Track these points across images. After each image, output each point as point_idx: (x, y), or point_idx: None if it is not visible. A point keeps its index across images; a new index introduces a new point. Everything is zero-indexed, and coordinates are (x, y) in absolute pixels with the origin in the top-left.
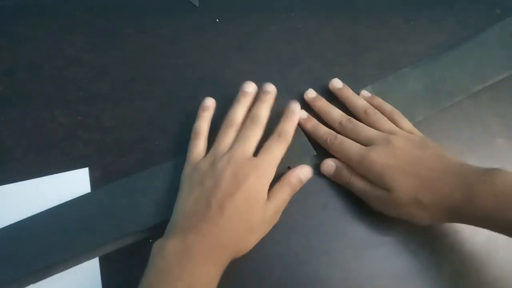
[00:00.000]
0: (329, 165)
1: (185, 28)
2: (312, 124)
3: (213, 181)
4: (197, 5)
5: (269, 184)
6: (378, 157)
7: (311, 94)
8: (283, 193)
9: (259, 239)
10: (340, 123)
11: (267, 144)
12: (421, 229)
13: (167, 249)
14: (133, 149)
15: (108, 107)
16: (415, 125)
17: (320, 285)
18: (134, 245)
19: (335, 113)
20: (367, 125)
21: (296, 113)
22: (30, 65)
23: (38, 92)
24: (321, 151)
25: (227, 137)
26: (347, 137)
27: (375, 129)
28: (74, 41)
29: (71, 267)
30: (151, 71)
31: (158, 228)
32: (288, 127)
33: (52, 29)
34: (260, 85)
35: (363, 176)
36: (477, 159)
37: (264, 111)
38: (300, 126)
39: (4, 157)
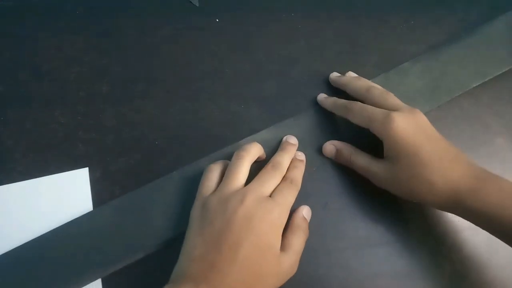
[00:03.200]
0: (330, 148)
1: (185, 28)
2: (332, 100)
3: (224, 222)
4: (197, 5)
5: (281, 232)
6: (403, 121)
7: (334, 75)
8: (300, 242)
9: None
10: (367, 90)
11: (280, 187)
12: (421, 229)
13: None
14: (133, 149)
15: (108, 107)
16: None
17: (320, 285)
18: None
19: (362, 82)
20: (371, 104)
21: (302, 157)
22: (30, 65)
23: (38, 92)
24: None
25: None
26: (373, 105)
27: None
28: (74, 41)
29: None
30: (151, 71)
31: (167, 243)
32: (298, 174)
33: (52, 29)
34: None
35: (365, 153)
36: (477, 159)
37: (286, 161)
38: (321, 105)
39: (4, 157)
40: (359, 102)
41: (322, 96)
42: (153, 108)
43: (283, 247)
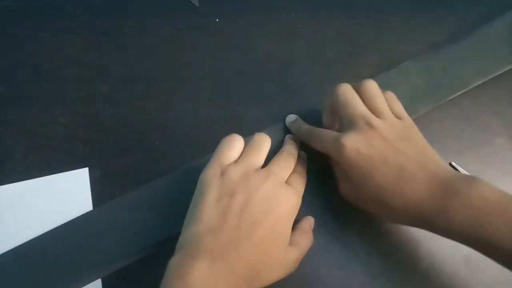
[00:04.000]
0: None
1: (185, 28)
2: (297, 125)
3: (245, 198)
4: (197, 5)
5: (292, 223)
6: (350, 143)
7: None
8: (306, 244)
9: (270, 282)
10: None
11: (294, 177)
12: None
13: (193, 275)
14: (133, 149)
15: (108, 107)
16: (415, 119)
17: (320, 285)
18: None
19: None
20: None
21: (305, 156)
22: (30, 65)
23: (38, 92)
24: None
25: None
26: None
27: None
28: (74, 41)
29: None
30: (151, 71)
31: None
32: (304, 169)
33: (52, 29)
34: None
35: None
36: (477, 159)
37: (296, 152)
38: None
39: (4, 157)
40: (317, 128)
41: (290, 119)
42: (153, 108)
43: (290, 242)
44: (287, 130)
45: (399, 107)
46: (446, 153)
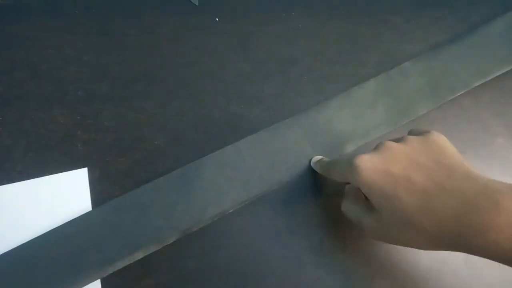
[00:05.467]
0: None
1: (184, 27)
2: (317, 161)
3: None
4: (197, 4)
5: None
6: (364, 162)
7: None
8: None
9: None
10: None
11: None
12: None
13: None
14: (132, 149)
15: (108, 107)
16: (414, 120)
17: (320, 285)
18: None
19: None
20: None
21: None
22: (29, 64)
23: (37, 92)
24: None
25: None
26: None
27: None
28: (73, 41)
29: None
30: (150, 70)
31: (166, 243)
32: None
33: (51, 28)
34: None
35: (356, 199)
36: (478, 159)
37: None
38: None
39: (2, 157)
40: (332, 159)
41: (314, 160)
42: (152, 108)
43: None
44: (286, 131)
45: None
46: None
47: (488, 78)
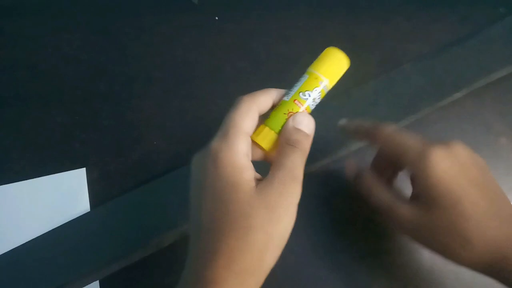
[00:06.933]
0: (350, 168)
1: (184, 26)
2: (355, 124)
3: None
4: (197, 3)
5: None
6: (444, 159)
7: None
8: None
9: None
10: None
11: None
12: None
13: None
14: (131, 149)
15: (106, 106)
16: (417, 120)
17: (320, 285)
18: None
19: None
20: None
21: None
22: (28, 64)
23: (35, 92)
24: None
25: None
26: None
27: None
28: (72, 40)
29: None
30: (149, 70)
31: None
32: None
33: (50, 28)
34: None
35: (390, 187)
36: None
37: None
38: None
39: (1, 157)
40: (389, 127)
41: (343, 122)
42: (151, 107)
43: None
44: None
45: None
46: None
47: (490, 80)
